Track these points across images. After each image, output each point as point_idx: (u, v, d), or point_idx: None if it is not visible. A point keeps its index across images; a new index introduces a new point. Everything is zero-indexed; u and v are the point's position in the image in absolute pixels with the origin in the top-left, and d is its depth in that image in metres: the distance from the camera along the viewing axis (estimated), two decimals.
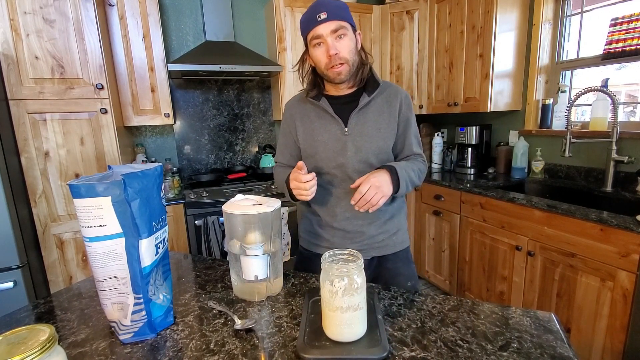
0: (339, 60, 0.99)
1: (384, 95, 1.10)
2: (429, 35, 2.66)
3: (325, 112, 1.09)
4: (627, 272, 1.35)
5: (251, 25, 2.75)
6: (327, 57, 0.99)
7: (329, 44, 0.97)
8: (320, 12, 0.95)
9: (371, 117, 1.08)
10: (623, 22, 1.82)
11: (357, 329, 0.68)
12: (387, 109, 1.09)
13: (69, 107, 1.84)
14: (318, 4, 0.97)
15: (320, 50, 1.00)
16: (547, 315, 0.77)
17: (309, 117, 1.12)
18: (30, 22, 1.71)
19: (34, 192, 1.82)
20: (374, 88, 1.07)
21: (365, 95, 1.07)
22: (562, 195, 2.02)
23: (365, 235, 1.13)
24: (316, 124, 1.10)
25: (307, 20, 0.99)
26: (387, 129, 1.09)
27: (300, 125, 1.13)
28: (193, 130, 2.70)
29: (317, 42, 0.99)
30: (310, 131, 1.11)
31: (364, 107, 1.07)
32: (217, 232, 2.18)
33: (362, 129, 1.07)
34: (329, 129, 1.08)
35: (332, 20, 0.96)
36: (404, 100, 1.11)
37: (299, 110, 1.14)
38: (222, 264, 1.11)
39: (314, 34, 0.98)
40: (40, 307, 0.89)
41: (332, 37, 0.97)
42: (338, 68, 1.00)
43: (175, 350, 0.69)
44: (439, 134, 2.86)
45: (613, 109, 1.77)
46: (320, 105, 1.08)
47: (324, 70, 1.03)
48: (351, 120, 1.07)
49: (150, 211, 0.71)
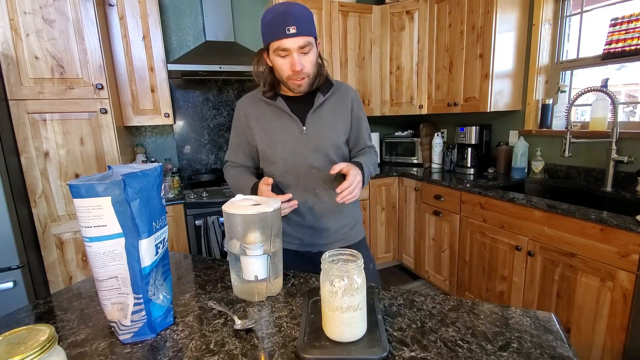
0: (302, 75, 1.02)
1: (336, 95, 1.15)
2: (428, 35, 2.66)
3: (282, 112, 1.11)
4: (627, 272, 1.35)
5: (251, 25, 2.75)
6: (291, 70, 1.01)
7: (294, 59, 0.99)
8: (289, 25, 0.95)
9: (326, 116, 1.12)
10: (623, 22, 1.82)
11: (357, 329, 0.68)
12: (340, 107, 1.15)
13: (69, 107, 1.84)
14: (287, 15, 0.95)
15: (285, 62, 1.01)
16: (547, 315, 0.77)
17: (265, 117, 1.13)
18: (30, 22, 1.71)
19: (34, 192, 1.82)
20: (328, 88, 1.12)
21: (320, 95, 1.11)
22: (562, 195, 2.02)
23: (330, 231, 1.19)
24: (274, 124, 1.12)
25: (273, 28, 0.97)
26: (341, 127, 1.15)
27: (256, 125, 1.14)
28: (193, 130, 2.70)
29: (282, 53, 1.00)
30: (267, 131, 1.12)
31: (319, 107, 1.12)
32: (217, 232, 2.18)
33: (319, 128, 1.11)
34: (287, 129, 1.11)
35: (301, 36, 0.97)
36: (355, 99, 1.18)
37: (253, 110, 1.14)
38: (222, 264, 1.11)
39: (281, 45, 0.98)
40: (40, 307, 0.89)
41: (298, 53, 0.99)
42: (300, 81, 1.03)
43: (175, 351, 0.69)
44: (438, 134, 2.86)
45: (613, 109, 1.77)
46: (277, 105, 1.10)
47: (284, 79, 1.05)
48: (308, 119, 1.11)
49: (150, 211, 0.71)
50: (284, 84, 1.08)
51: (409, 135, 3.14)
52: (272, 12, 0.97)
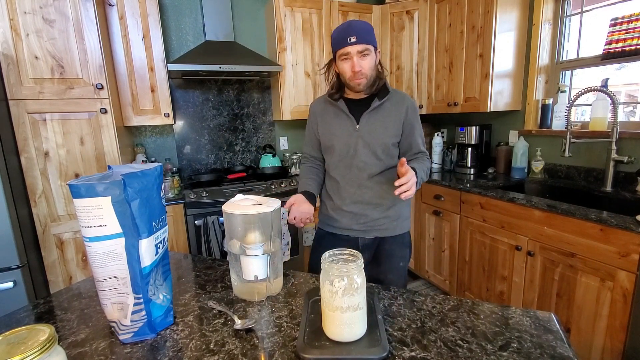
0: (361, 75, 1.20)
1: (392, 101, 1.30)
2: (428, 35, 2.66)
3: (341, 112, 1.31)
4: (626, 272, 1.35)
5: (251, 25, 2.75)
6: (352, 71, 1.20)
7: (354, 62, 1.18)
8: (351, 36, 1.16)
9: (379, 117, 1.28)
10: (623, 22, 1.82)
11: (357, 329, 0.68)
12: (394, 112, 1.29)
13: (69, 107, 1.84)
14: (350, 28, 1.16)
15: (347, 65, 1.21)
16: (547, 315, 0.77)
17: (328, 115, 1.34)
18: (30, 22, 1.71)
19: (34, 192, 1.82)
20: (385, 94, 1.28)
21: (376, 100, 1.27)
22: (562, 195, 2.02)
23: (368, 217, 1.33)
24: (333, 121, 1.32)
25: (339, 39, 1.19)
26: (393, 129, 1.29)
27: (320, 121, 1.36)
28: (193, 130, 2.70)
29: (345, 57, 1.20)
30: (328, 126, 1.34)
31: (374, 110, 1.28)
32: (217, 232, 2.18)
33: (371, 127, 1.28)
34: (343, 126, 1.30)
35: (360, 43, 1.16)
36: (410, 107, 1.32)
37: (320, 109, 1.37)
38: (222, 264, 1.11)
39: (344, 51, 1.19)
40: (40, 307, 0.89)
41: (358, 57, 1.18)
42: (359, 80, 1.21)
43: (175, 350, 0.69)
44: (438, 134, 2.86)
45: (613, 109, 1.77)
46: (338, 105, 1.31)
47: (347, 80, 1.24)
48: (362, 119, 1.28)
49: (150, 211, 0.71)
50: (347, 85, 1.26)
51: None
52: (338, 29, 1.20)
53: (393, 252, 1.36)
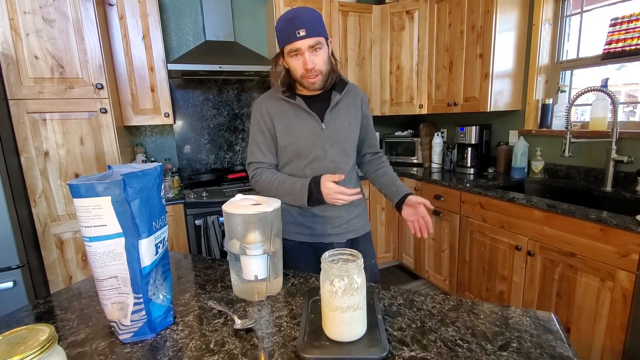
0: (314, 72, 1.09)
1: (350, 93, 1.24)
2: (428, 35, 2.66)
3: (301, 110, 1.17)
4: (626, 272, 1.35)
5: (251, 25, 2.75)
6: (304, 69, 1.08)
7: (306, 58, 1.06)
8: (299, 29, 1.03)
9: (342, 113, 1.21)
10: (623, 22, 1.82)
11: (356, 328, 0.68)
12: (353, 105, 1.24)
13: (69, 106, 1.84)
14: (296, 20, 1.03)
15: (298, 62, 1.08)
16: (546, 315, 0.77)
17: (286, 115, 1.18)
18: (30, 21, 1.71)
19: (34, 192, 1.82)
20: (343, 87, 1.20)
21: (336, 94, 1.18)
22: (561, 195, 2.02)
23: (343, 219, 1.25)
24: (294, 121, 1.18)
25: (285, 33, 1.05)
26: (355, 122, 1.24)
27: (278, 122, 1.19)
28: (193, 130, 2.70)
29: (294, 54, 1.07)
30: (289, 127, 1.18)
31: (335, 105, 1.19)
32: (217, 232, 2.18)
33: (337, 124, 1.19)
34: (307, 125, 1.17)
35: (311, 37, 1.04)
36: (363, 97, 1.27)
37: (275, 108, 1.19)
38: (222, 264, 1.11)
39: (292, 47, 1.06)
40: (40, 307, 0.89)
41: (309, 52, 1.06)
42: (313, 79, 1.10)
43: (175, 350, 0.69)
44: (438, 134, 2.85)
45: (613, 108, 1.77)
46: (296, 103, 1.17)
47: (299, 78, 1.12)
48: (326, 117, 1.18)
49: (150, 211, 0.71)
50: (300, 83, 1.14)
51: (409, 135, 3.14)
52: (283, 19, 1.06)
53: (366, 251, 1.27)
